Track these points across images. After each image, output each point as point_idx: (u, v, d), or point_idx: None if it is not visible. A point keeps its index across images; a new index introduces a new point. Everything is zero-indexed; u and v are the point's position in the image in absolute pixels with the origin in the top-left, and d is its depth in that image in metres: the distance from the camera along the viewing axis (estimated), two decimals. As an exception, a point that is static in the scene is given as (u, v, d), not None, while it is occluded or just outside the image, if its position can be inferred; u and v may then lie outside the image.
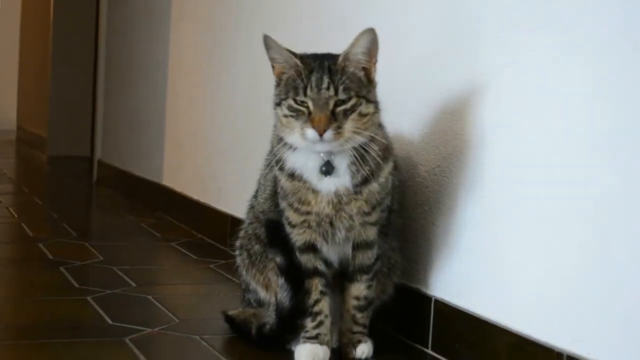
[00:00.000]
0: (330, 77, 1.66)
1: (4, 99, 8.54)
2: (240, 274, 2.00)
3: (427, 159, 1.97)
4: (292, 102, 1.68)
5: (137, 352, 1.81)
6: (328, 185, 1.72)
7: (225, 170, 3.15)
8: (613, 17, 1.50)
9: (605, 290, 1.49)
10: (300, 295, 1.78)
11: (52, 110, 6.21)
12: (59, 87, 6.18)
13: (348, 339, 1.81)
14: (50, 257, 2.75)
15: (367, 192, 1.73)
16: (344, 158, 1.71)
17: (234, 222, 2.79)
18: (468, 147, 1.85)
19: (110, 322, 2.03)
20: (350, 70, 1.68)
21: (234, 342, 1.92)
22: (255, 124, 2.89)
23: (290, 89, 1.68)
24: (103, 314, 2.09)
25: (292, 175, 1.74)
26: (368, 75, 1.71)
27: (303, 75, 1.68)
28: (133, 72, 4.39)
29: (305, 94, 1.66)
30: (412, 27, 2.04)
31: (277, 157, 1.75)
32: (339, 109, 1.66)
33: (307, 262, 1.78)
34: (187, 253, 2.93)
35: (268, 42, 1.72)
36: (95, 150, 5.05)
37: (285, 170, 1.75)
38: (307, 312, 1.78)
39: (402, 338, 1.99)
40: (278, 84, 1.73)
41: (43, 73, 6.55)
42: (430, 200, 1.95)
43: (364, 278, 1.80)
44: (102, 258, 2.76)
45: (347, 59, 1.69)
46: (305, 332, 1.78)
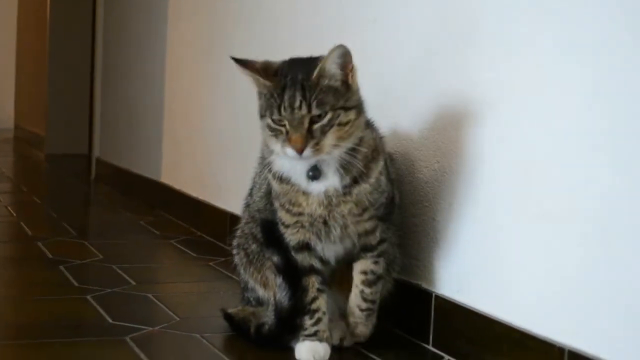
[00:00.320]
0: (303, 93, 1.64)
1: (1, 98, 8.53)
2: (239, 273, 2.01)
3: (426, 155, 1.96)
4: (270, 121, 1.67)
5: (137, 350, 1.81)
6: (317, 187, 1.72)
7: (224, 167, 3.15)
8: (614, 12, 1.50)
9: (606, 285, 1.48)
10: (299, 295, 1.77)
11: (49, 109, 6.20)
12: (57, 85, 6.17)
13: (352, 325, 1.82)
14: (50, 255, 2.75)
15: (356, 193, 1.73)
16: (331, 162, 1.70)
17: (233, 219, 2.78)
18: (468, 143, 1.84)
19: (111, 320, 2.03)
20: (325, 84, 1.65)
21: (235, 340, 1.91)
22: (255, 121, 2.87)
23: (267, 108, 1.68)
24: (103, 313, 2.09)
25: (281, 178, 1.75)
26: (346, 83, 1.68)
27: (275, 95, 1.66)
28: (130, 69, 4.38)
29: (280, 113, 1.65)
30: (412, 23, 2.04)
31: (266, 160, 1.76)
32: (316, 126, 1.63)
33: (302, 260, 1.79)
34: (186, 251, 2.93)
35: (238, 67, 1.71)
36: (93, 148, 5.05)
37: (274, 173, 1.75)
38: (305, 310, 1.78)
39: (402, 334, 1.98)
40: (259, 97, 1.73)
41: (40, 71, 6.54)
42: (430, 196, 1.95)
43: (369, 255, 1.80)
44: (101, 256, 2.76)
45: (321, 75, 1.65)
46: (304, 329, 1.78)
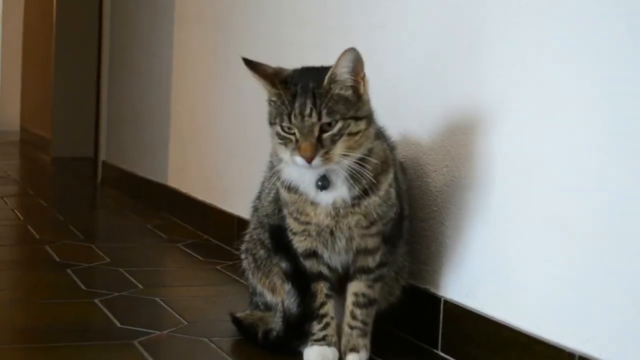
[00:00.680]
0: (314, 101, 1.63)
1: (8, 101, 8.54)
2: (247, 278, 2.01)
3: (434, 159, 1.96)
4: (279, 129, 1.66)
5: (146, 354, 1.81)
6: (326, 197, 1.71)
7: (232, 171, 3.14)
8: (621, 13, 1.49)
9: (617, 290, 1.48)
10: (308, 301, 1.77)
11: (55, 112, 6.20)
12: (63, 88, 6.17)
13: (344, 344, 1.79)
14: (57, 259, 2.75)
15: (365, 205, 1.72)
16: (341, 172, 1.69)
17: (241, 222, 2.78)
18: (477, 147, 1.84)
19: (119, 324, 2.03)
20: (336, 92, 1.64)
21: (243, 344, 1.91)
22: (262, 124, 2.87)
23: (277, 115, 1.67)
24: (111, 317, 2.09)
25: (289, 188, 1.74)
26: (357, 92, 1.67)
27: (286, 102, 1.65)
28: (137, 72, 4.38)
29: (290, 121, 1.64)
30: (419, 29, 2.03)
31: (274, 169, 1.75)
32: (326, 135, 1.63)
33: (311, 267, 1.79)
34: (193, 254, 2.93)
35: (249, 70, 1.71)
36: (100, 152, 5.05)
37: (283, 182, 1.75)
38: (313, 316, 1.77)
39: (411, 339, 1.98)
40: (269, 103, 1.72)
41: (46, 74, 6.55)
42: (439, 201, 1.94)
43: (364, 277, 1.79)
44: (108, 260, 2.76)
45: (332, 81, 1.64)
46: (313, 334, 1.78)
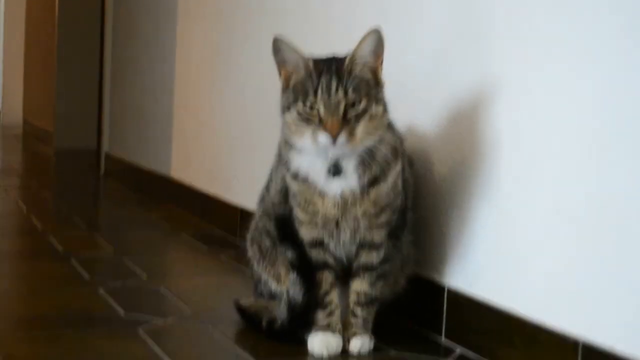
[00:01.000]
0: (339, 79, 1.65)
1: (10, 93, 8.55)
2: (252, 266, 2.01)
3: (440, 150, 1.96)
4: (301, 106, 1.66)
5: (150, 342, 1.81)
6: (334, 187, 1.72)
7: (235, 162, 3.15)
8: (629, 6, 1.49)
9: (621, 278, 1.48)
10: (312, 290, 1.78)
11: (58, 104, 6.21)
12: (65, 80, 6.17)
13: (346, 333, 1.80)
14: (61, 249, 2.75)
15: (374, 193, 1.73)
16: (352, 160, 1.70)
17: (244, 213, 2.79)
18: (482, 138, 1.84)
19: (123, 313, 2.04)
20: (358, 71, 1.67)
21: (247, 332, 1.92)
22: (265, 115, 2.88)
23: (300, 93, 1.67)
24: (115, 306, 2.09)
25: (298, 177, 1.75)
26: (375, 76, 1.70)
27: (313, 77, 1.66)
28: (140, 64, 4.38)
29: (316, 97, 1.65)
30: (426, 19, 2.03)
31: (284, 158, 1.75)
32: (351, 113, 1.64)
33: (317, 256, 1.79)
34: (197, 244, 2.93)
35: (279, 45, 1.70)
36: (103, 144, 5.05)
37: (292, 172, 1.75)
38: (318, 305, 1.78)
39: (415, 327, 1.98)
40: (285, 89, 1.72)
41: (49, 66, 6.55)
42: (443, 190, 1.94)
43: (367, 275, 1.80)
44: (112, 250, 2.76)
45: (353, 61, 1.67)
46: (317, 322, 1.79)
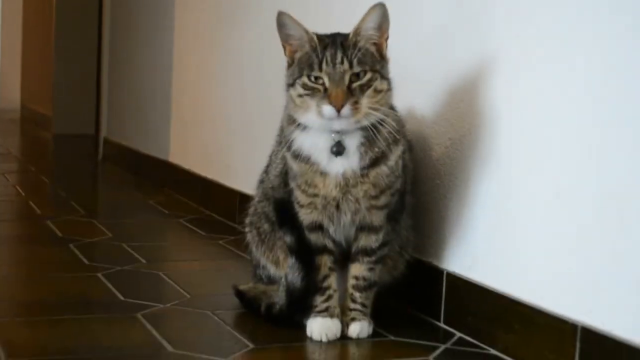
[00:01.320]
0: (344, 51, 1.66)
1: (8, 78, 8.53)
2: (251, 251, 2.01)
3: (438, 132, 1.96)
4: (306, 79, 1.67)
5: (149, 327, 1.81)
6: (336, 167, 1.72)
7: (233, 146, 3.14)
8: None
9: (620, 261, 1.48)
10: (311, 275, 1.78)
11: (56, 89, 6.19)
12: (63, 64, 6.16)
13: (345, 318, 1.80)
14: (59, 234, 2.75)
15: (374, 174, 1.73)
16: (355, 138, 1.70)
17: (243, 198, 2.78)
18: (481, 119, 1.84)
19: (122, 298, 2.04)
20: (362, 44, 1.68)
21: (246, 317, 1.92)
22: (264, 99, 2.88)
23: (305, 67, 1.68)
24: (114, 290, 2.09)
25: (300, 157, 1.74)
26: (380, 51, 1.71)
27: (318, 51, 1.67)
28: (138, 48, 4.37)
29: (321, 69, 1.65)
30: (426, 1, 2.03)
31: (286, 138, 1.75)
32: (355, 84, 1.65)
33: (316, 240, 1.79)
34: (195, 230, 2.93)
35: (283, 19, 1.70)
36: (101, 128, 5.04)
37: (294, 152, 1.75)
38: (317, 289, 1.78)
39: (414, 312, 1.99)
40: (290, 65, 1.73)
41: (46, 51, 6.53)
42: (442, 173, 1.94)
43: (366, 260, 1.80)
44: (111, 235, 2.76)
45: (357, 34, 1.68)
46: (315, 307, 1.79)
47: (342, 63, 1.65)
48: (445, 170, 1.93)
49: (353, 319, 1.79)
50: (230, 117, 3.19)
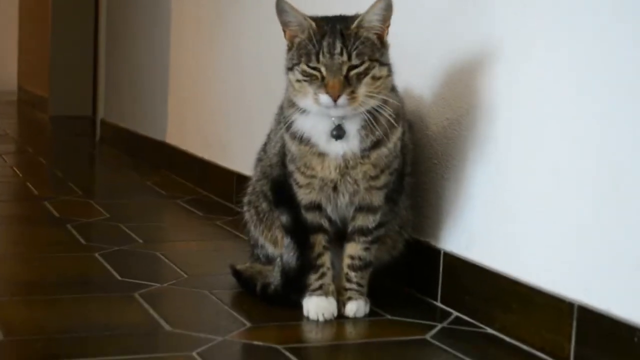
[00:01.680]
0: (343, 42, 1.65)
1: (4, 60, 8.49)
2: (249, 230, 2.01)
3: (435, 112, 1.95)
4: (305, 66, 1.67)
5: (146, 306, 1.82)
6: (336, 149, 1.72)
7: (230, 127, 3.14)
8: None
9: (617, 240, 1.48)
10: (307, 255, 1.78)
11: (53, 70, 6.18)
12: (60, 46, 6.14)
13: (341, 298, 1.81)
14: (57, 214, 2.75)
15: (375, 156, 1.73)
16: (355, 122, 1.70)
17: (240, 179, 2.78)
18: (478, 99, 1.83)
19: (119, 277, 2.04)
20: (364, 35, 1.67)
21: (243, 296, 1.92)
22: (261, 80, 2.87)
23: (303, 54, 1.67)
24: (111, 270, 2.09)
25: (299, 139, 1.74)
26: (381, 38, 1.70)
27: (315, 40, 1.66)
28: (135, 29, 4.36)
29: (318, 60, 1.65)
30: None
31: (286, 119, 1.75)
32: (352, 73, 1.64)
33: (312, 219, 1.79)
34: (193, 210, 2.93)
35: (282, 5, 1.70)
36: (98, 110, 5.03)
37: (293, 133, 1.74)
38: (311, 267, 1.78)
39: (411, 291, 1.99)
40: (290, 48, 1.72)
41: (43, 32, 6.51)
42: (439, 153, 1.94)
43: (362, 240, 1.80)
44: (108, 215, 2.76)
45: (361, 26, 1.67)
46: (310, 285, 1.79)
47: (340, 54, 1.64)
48: (443, 150, 1.93)
49: (349, 298, 1.79)
50: (227, 98, 3.18)
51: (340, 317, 1.79)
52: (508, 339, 1.70)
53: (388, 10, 1.68)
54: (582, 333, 1.53)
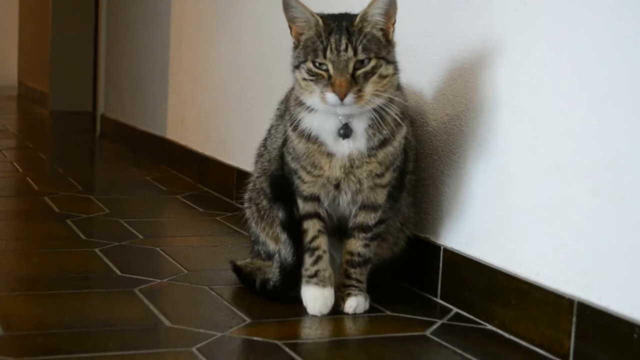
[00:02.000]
0: (349, 38, 1.65)
1: (5, 55, 8.50)
2: (250, 227, 2.01)
3: (435, 108, 1.95)
4: (311, 65, 1.66)
5: (146, 301, 1.82)
6: (343, 148, 1.72)
7: (230, 123, 3.14)
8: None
9: (617, 236, 1.48)
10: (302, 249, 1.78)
11: (53, 66, 6.17)
12: (60, 41, 6.14)
13: (340, 294, 1.81)
14: (57, 210, 2.75)
15: (382, 155, 1.73)
16: (362, 121, 1.70)
17: (240, 174, 2.78)
18: (478, 96, 1.83)
19: (119, 273, 2.04)
20: (368, 30, 1.67)
21: (243, 292, 1.92)
22: (260, 76, 2.87)
23: (310, 52, 1.67)
24: (111, 265, 2.09)
25: (306, 137, 1.73)
26: (386, 36, 1.70)
27: (323, 37, 1.66)
28: (135, 24, 4.35)
29: (325, 56, 1.65)
30: (420, -26, 2.02)
31: (292, 117, 1.74)
32: (359, 72, 1.64)
33: (310, 208, 1.79)
34: (193, 206, 2.93)
35: (288, 1, 1.69)
36: (98, 105, 5.03)
37: (300, 131, 1.74)
38: (305, 250, 1.78)
39: (411, 287, 1.99)
40: (296, 46, 1.72)
41: (43, 28, 6.50)
42: (440, 149, 1.94)
43: (362, 236, 1.80)
44: (108, 211, 2.76)
45: (364, 20, 1.67)
46: (305, 270, 1.78)
47: (346, 50, 1.64)
48: (443, 146, 1.93)
49: (349, 294, 1.79)
50: (227, 93, 3.18)
51: (340, 313, 1.79)
52: (508, 335, 1.70)
53: (391, 6, 1.67)
54: (581, 329, 1.53)
